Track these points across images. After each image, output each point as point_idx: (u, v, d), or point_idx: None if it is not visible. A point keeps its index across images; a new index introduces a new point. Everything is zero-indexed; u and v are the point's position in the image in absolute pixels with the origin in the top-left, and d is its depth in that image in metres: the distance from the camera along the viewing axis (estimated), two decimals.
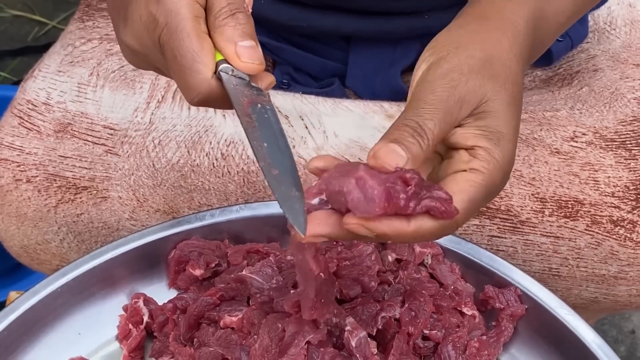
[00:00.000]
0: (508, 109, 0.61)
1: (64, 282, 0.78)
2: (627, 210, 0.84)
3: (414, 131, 0.57)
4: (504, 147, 0.60)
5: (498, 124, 0.60)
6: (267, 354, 0.68)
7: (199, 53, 0.60)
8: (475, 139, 0.59)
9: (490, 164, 0.59)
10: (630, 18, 1.03)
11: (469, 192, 0.58)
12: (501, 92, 0.61)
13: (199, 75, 0.60)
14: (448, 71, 0.61)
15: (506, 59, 0.63)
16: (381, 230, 0.55)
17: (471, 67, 0.61)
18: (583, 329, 0.74)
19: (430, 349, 0.75)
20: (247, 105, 0.61)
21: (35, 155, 0.91)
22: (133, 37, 0.64)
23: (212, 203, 0.90)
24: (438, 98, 0.59)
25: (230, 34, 0.61)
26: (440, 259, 0.80)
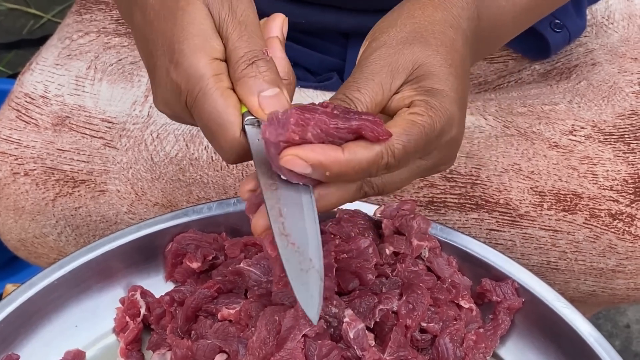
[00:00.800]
0: (443, 69, 0.62)
1: (61, 274, 0.78)
2: (625, 203, 0.84)
3: (341, 101, 0.59)
4: (440, 99, 0.60)
5: (432, 82, 0.61)
6: (264, 346, 0.68)
7: (223, 113, 0.59)
8: (410, 98, 0.61)
9: (428, 109, 0.59)
10: (628, 12, 1.03)
11: (404, 126, 0.58)
12: (433, 55, 0.62)
13: (227, 135, 0.59)
14: (377, 47, 0.62)
15: (438, 28, 0.64)
16: (315, 158, 0.54)
17: (399, 39, 0.63)
18: (580, 322, 0.74)
19: (428, 342, 0.75)
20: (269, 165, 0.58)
21: (33, 148, 0.91)
22: (163, 104, 0.64)
23: (211, 196, 0.90)
24: (366, 70, 0.61)
25: (252, 84, 0.60)
26: (438, 252, 0.80)
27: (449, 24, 0.65)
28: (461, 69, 0.64)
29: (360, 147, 0.56)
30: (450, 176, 0.87)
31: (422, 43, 0.62)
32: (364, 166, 0.56)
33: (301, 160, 0.54)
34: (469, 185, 0.86)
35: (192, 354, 0.72)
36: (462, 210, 0.87)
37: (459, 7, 0.66)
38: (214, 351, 0.71)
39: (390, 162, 0.57)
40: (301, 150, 0.54)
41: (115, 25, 1.01)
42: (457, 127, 0.62)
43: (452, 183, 0.87)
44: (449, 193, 0.87)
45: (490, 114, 0.90)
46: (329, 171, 0.55)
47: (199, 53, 0.60)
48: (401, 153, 0.57)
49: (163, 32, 0.62)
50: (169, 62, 0.61)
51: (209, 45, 0.61)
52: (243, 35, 0.62)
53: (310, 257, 0.55)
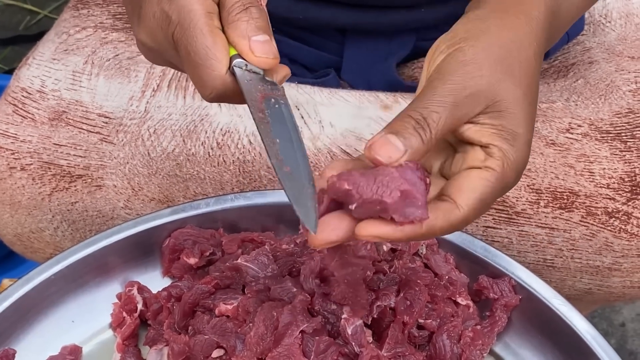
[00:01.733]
0: (524, 108, 0.60)
1: (58, 269, 0.78)
2: (622, 202, 0.84)
3: (417, 123, 0.56)
4: (518, 147, 0.59)
5: (514, 123, 0.59)
6: (262, 342, 0.68)
7: (212, 49, 0.60)
8: (490, 137, 0.58)
9: (505, 164, 0.58)
10: (626, 11, 1.03)
11: (480, 190, 0.57)
12: (517, 91, 0.60)
13: (213, 72, 0.60)
14: (463, 63, 0.59)
15: (524, 56, 0.62)
16: (397, 238, 0.55)
17: (488, 62, 0.60)
18: (577, 319, 0.74)
19: (425, 338, 0.75)
20: (260, 100, 0.60)
21: (29, 143, 0.90)
22: (147, 35, 0.64)
23: (208, 192, 0.90)
24: (447, 91, 0.58)
25: (244, 28, 0.60)
26: (435, 249, 0.81)
27: (532, 50, 0.62)
28: (535, 102, 0.62)
29: (440, 219, 0.55)
30: None
31: (509, 73, 0.60)
32: (437, 235, 0.57)
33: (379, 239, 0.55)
34: None
35: (189, 349, 0.72)
36: None
37: (541, 28, 0.64)
38: (211, 346, 0.71)
39: (462, 227, 0.58)
40: (382, 231, 0.54)
41: (112, 20, 1.01)
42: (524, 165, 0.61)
43: None
44: None
45: None
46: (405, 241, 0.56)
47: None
48: (473, 217, 0.58)
49: None
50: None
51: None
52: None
53: (303, 179, 0.56)
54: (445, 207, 0.56)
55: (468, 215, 0.57)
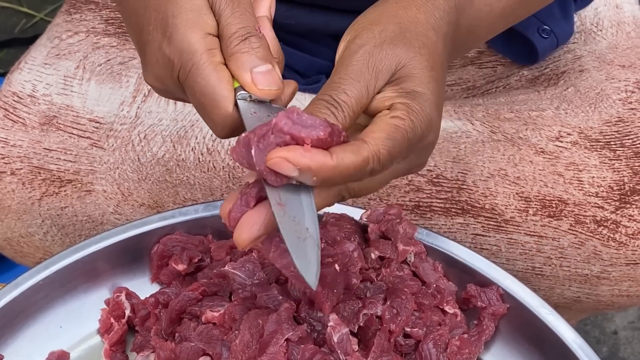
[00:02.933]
0: (424, 72, 0.61)
1: (46, 274, 0.77)
2: (610, 210, 0.84)
3: (328, 103, 0.58)
4: (421, 102, 0.60)
5: (414, 84, 0.60)
6: (247, 349, 0.68)
7: (216, 87, 0.60)
8: (392, 99, 0.60)
9: (410, 113, 0.59)
10: (617, 19, 1.03)
11: (388, 130, 0.57)
12: (416, 57, 0.61)
13: (220, 110, 0.60)
14: (361, 45, 0.61)
15: (421, 30, 0.64)
16: (304, 163, 0.54)
17: (383, 39, 0.62)
18: (564, 328, 0.74)
19: (412, 347, 0.75)
20: None
21: (20, 147, 0.90)
22: (154, 79, 0.64)
23: (197, 198, 0.90)
24: (351, 70, 0.60)
25: (244, 61, 0.60)
26: (423, 257, 0.80)
27: (431, 26, 0.65)
28: (441, 72, 0.64)
29: (348, 152, 0.55)
30: (436, 180, 0.87)
31: (405, 44, 0.62)
32: (350, 172, 0.56)
33: (289, 163, 0.54)
34: (455, 190, 0.87)
35: (175, 356, 0.72)
36: (448, 215, 0.87)
37: (441, 10, 0.66)
38: (197, 354, 0.71)
39: (376, 168, 0.57)
40: (291, 153, 0.54)
41: (104, 26, 1.01)
42: (434, 132, 0.62)
43: (439, 187, 0.87)
44: (435, 197, 0.87)
45: (477, 119, 0.90)
46: (316, 176, 0.55)
47: (192, 28, 0.61)
48: (386, 158, 0.57)
49: (157, 7, 0.62)
50: (162, 36, 0.61)
51: (202, 21, 0.61)
52: (236, 11, 0.62)
53: (307, 226, 0.55)
54: (354, 143, 0.56)
55: (377, 151, 0.56)
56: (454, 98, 1.02)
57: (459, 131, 0.89)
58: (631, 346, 1.68)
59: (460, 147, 0.88)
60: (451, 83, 1.04)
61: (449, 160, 0.87)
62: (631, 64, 0.97)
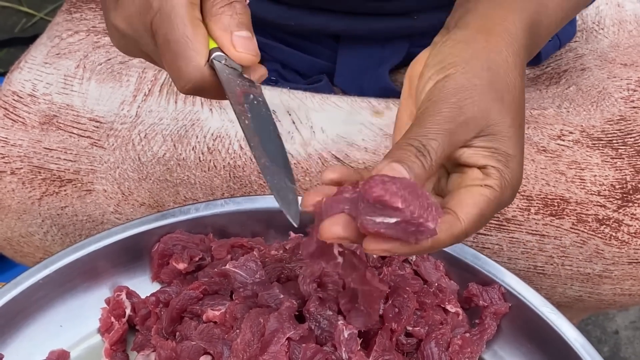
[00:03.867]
0: (514, 131, 0.63)
1: (47, 274, 0.77)
2: (612, 209, 0.84)
3: (418, 151, 0.58)
4: (512, 168, 0.62)
5: (507, 146, 0.62)
6: (248, 348, 0.68)
7: (192, 39, 0.59)
8: (486, 159, 0.61)
9: (502, 183, 0.61)
10: (619, 18, 1.03)
11: (481, 205, 0.60)
12: (507, 114, 0.63)
13: (191, 63, 0.59)
14: (455, 91, 0.61)
15: (511, 78, 0.64)
16: (403, 251, 0.56)
17: (478, 89, 0.62)
18: (566, 327, 0.74)
19: (413, 346, 0.75)
20: (240, 95, 0.60)
21: (20, 147, 0.90)
22: (124, 20, 0.63)
23: (198, 197, 0.90)
24: (444, 118, 0.60)
25: (227, 23, 0.61)
26: (425, 256, 0.80)
27: (517, 70, 0.65)
28: (523, 121, 0.65)
29: (443, 231, 0.57)
30: None
31: (498, 98, 0.62)
32: (440, 248, 0.59)
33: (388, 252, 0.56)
34: None
35: (176, 355, 0.72)
36: None
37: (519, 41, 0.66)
38: (198, 353, 0.71)
39: (462, 240, 0.60)
40: (390, 246, 0.55)
41: (104, 25, 1.01)
42: (519, 184, 0.64)
43: None
44: None
45: None
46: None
47: None
48: (472, 230, 0.60)
49: None
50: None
51: None
52: None
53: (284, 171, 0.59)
54: (448, 219, 0.58)
55: (468, 229, 0.59)
56: None
57: None
58: (632, 346, 1.67)
59: None
60: None
61: None
62: (633, 62, 0.96)
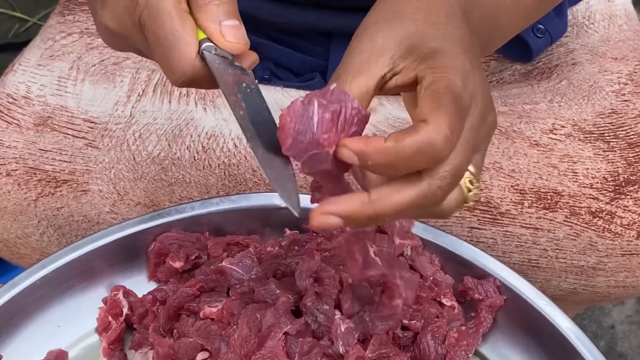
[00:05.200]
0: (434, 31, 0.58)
1: (43, 274, 0.77)
2: (605, 201, 0.84)
3: None
4: (445, 58, 0.56)
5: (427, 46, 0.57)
6: (246, 344, 0.68)
7: (181, 32, 0.59)
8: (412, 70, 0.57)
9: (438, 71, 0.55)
10: (609, 12, 1.04)
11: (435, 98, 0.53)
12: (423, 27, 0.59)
13: (182, 55, 0.59)
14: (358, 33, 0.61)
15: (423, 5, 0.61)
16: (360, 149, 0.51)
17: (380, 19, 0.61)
18: (561, 319, 0.75)
19: (410, 339, 0.75)
20: (232, 84, 0.60)
21: (15, 148, 0.90)
22: (112, 19, 0.63)
23: (193, 196, 0.90)
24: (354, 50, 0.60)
25: (214, 12, 0.60)
26: (420, 251, 0.81)
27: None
28: (456, 29, 0.60)
29: (406, 133, 0.51)
30: None
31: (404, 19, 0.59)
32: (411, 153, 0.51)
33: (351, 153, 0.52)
34: None
35: (174, 352, 0.72)
36: None
37: None
38: (195, 349, 0.71)
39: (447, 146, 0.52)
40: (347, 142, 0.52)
41: None
42: (474, 78, 0.57)
43: None
44: None
45: None
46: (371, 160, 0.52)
47: None
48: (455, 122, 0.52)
49: None
50: None
51: None
52: None
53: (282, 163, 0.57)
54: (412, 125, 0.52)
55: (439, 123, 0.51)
56: None
57: None
58: (628, 340, 1.68)
59: None
60: None
61: None
62: (624, 57, 0.97)
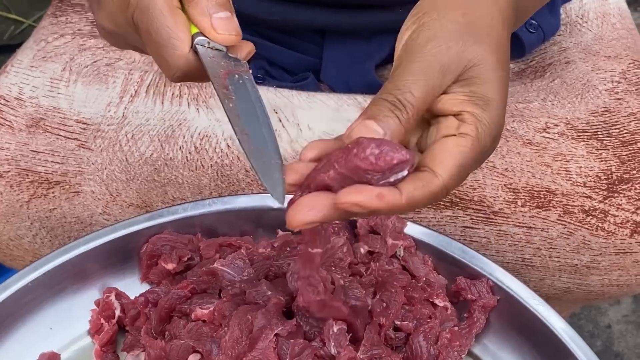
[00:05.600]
0: (495, 74, 0.59)
1: (36, 276, 0.77)
2: (598, 200, 0.84)
3: (393, 105, 0.56)
4: (491, 112, 0.58)
5: (485, 89, 0.58)
6: (237, 345, 0.68)
7: (173, 29, 0.59)
8: (461, 104, 0.58)
9: (479, 128, 0.57)
10: (602, 11, 1.03)
11: (458, 157, 0.56)
12: (486, 56, 0.59)
13: (175, 52, 0.60)
14: (428, 39, 0.59)
15: (489, 21, 0.61)
16: (376, 207, 0.53)
17: (453, 33, 0.59)
18: (554, 319, 0.74)
19: (402, 340, 0.75)
20: (224, 77, 0.60)
21: (7, 150, 0.90)
22: (108, 19, 0.64)
23: (186, 197, 0.90)
24: (418, 69, 0.57)
25: (204, 5, 0.60)
26: (413, 251, 0.80)
27: (498, 13, 0.62)
28: (508, 69, 0.61)
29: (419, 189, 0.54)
30: None
31: (475, 40, 0.59)
32: (419, 205, 0.55)
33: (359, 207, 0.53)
34: None
35: (165, 354, 0.72)
36: (437, 208, 0.87)
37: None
38: (187, 351, 0.71)
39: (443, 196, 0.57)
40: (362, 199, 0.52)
41: (90, 27, 1.01)
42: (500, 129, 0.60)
43: None
44: None
45: None
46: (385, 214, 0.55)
47: None
48: (453, 184, 0.57)
49: None
50: None
51: None
52: None
53: (271, 154, 0.57)
54: (423, 176, 0.55)
55: (447, 183, 0.56)
56: None
57: None
58: (625, 340, 1.68)
59: None
60: None
61: None
62: (617, 55, 0.97)
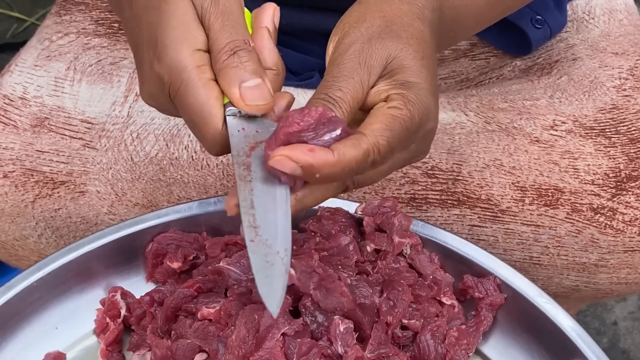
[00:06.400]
0: (415, 62, 0.62)
1: (40, 276, 0.77)
2: (606, 197, 0.84)
3: (324, 101, 0.59)
4: (416, 91, 0.60)
5: (407, 75, 0.61)
6: (244, 345, 0.67)
7: (205, 105, 0.59)
8: (387, 91, 0.61)
9: (406, 102, 0.59)
10: (609, 7, 1.03)
11: (385, 120, 0.58)
12: (405, 48, 0.62)
13: (210, 128, 0.59)
14: (350, 44, 0.62)
15: (407, 20, 0.64)
16: (305, 160, 0.55)
17: (371, 34, 0.62)
18: (562, 317, 0.74)
19: (409, 339, 0.75)
20: (249, 152, 0.58)
21: (12, 150, 0.90)
22: (149, 97, 0.64)
23: (192, 196, 0.89)
24: (343, 68, 0.60)
25: (232, 76, 0.60)
26: (420, 249, 0.80)
27: (416, 15, 0.65)
28: (431, 60, 0.64)
29: (349, 146, 0.56)
30: (431, 172, 0.87)
31: (393, 37, 0.63)
32: (352, 166, 0.56)
33: (291, 162, 0.55)
34: (451, 182, 0.86)
35: (171, 353, 0.71)
36: (444, 206, 0.87)
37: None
38: (193, 351, 0.71)
39: (376, 159, 0.58)
40: (292, 152, 0.55)
41: (94, 26, 1.01)
42: (433, 119, 0.63)
43: (434, 179, 0.87)
44: (430, 189, 0.87)
45: (471, 110, 0.90)
46: (319, 173, 0.55)
47: (180, 45, 0.60)
48: (386, 149, 0.58)
49: (148, 25, 0.62)
50: (153, 54, 0.61)
51: (191, 36, 0.61)
52: (225, 25, 0.61)
53: (278, 249, 0.55)
54: (354, 137, 0.57)
55: (377, 142, 0.57)
56: (447, 91, 1.01)
57: (453, 122, 0.89)
58: (631, 336, 1.68)
59: (455, 139, 0.88)
60: (444, 76, 1.04)
61: (444, 152, 0.87)
62: (624, 51, 0.96)
